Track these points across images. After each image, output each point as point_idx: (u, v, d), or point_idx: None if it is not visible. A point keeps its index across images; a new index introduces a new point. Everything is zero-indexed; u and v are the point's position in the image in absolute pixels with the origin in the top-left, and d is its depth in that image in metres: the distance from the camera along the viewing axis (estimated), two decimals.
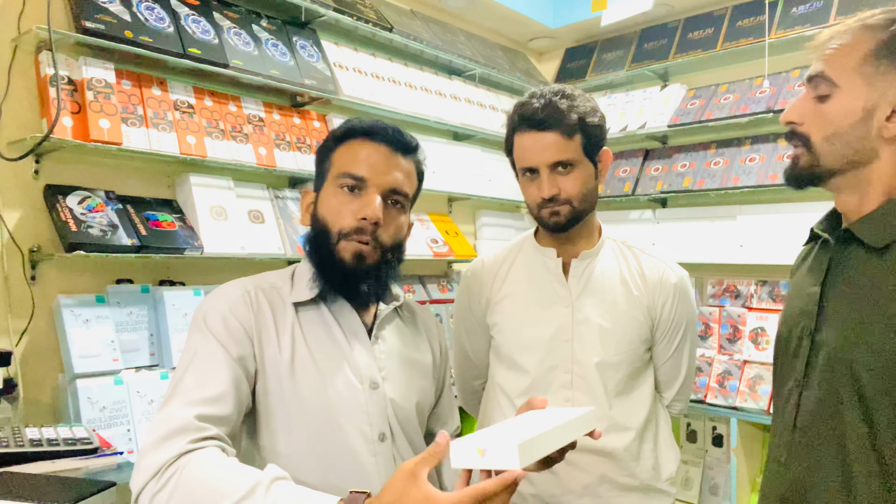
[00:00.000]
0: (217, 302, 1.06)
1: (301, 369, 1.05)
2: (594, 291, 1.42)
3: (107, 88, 1.83)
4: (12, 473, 1.12)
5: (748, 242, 2.68)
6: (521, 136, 1.36)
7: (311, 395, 1.04)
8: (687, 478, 2.94)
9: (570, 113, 1.32)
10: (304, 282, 1.11)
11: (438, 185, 2.72)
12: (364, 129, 1.12)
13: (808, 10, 2.61)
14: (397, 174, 1.11)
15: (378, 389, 1.10)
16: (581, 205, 1.37)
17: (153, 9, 1.95)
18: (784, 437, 1.03)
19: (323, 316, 1.11)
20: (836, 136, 0.98)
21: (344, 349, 1.09)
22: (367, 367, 1.10)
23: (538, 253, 1.47)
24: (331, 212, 1.09)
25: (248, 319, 1.05)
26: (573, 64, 3.44)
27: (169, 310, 1.91)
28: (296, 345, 1.06)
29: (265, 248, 2.10)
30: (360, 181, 1.08)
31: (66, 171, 1.88)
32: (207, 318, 1.04)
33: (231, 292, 1.08)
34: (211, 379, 0.97)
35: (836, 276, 1.02)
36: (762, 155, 2.69)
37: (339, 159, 1.11)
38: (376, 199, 1.07)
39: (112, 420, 1.73)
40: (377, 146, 1.11)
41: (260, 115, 2.21)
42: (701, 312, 2.87)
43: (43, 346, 1.80)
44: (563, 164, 1.34)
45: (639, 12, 2.78)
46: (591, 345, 1.39)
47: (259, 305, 1.07)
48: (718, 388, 2.66)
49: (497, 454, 0.79)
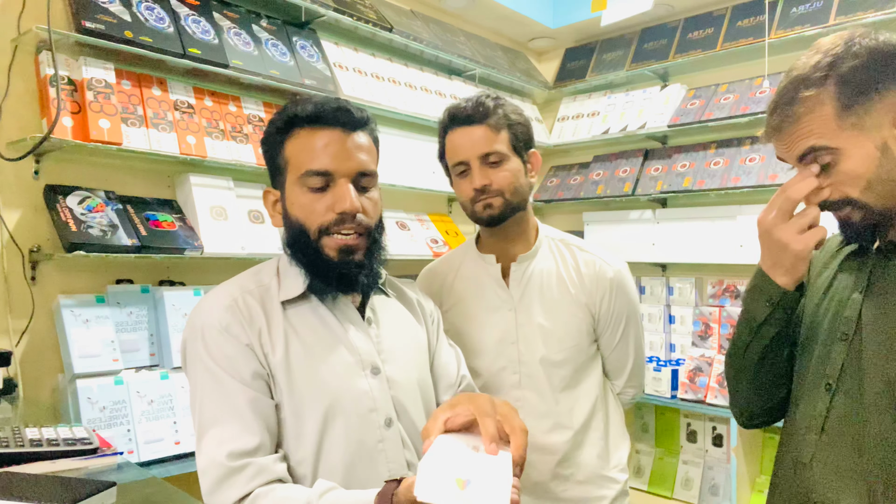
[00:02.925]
0: (208, 318, 1.02)
1: (297, 367, 1.02)
2: (534, 293, 1.47)
3: (107, 88, 1.83)
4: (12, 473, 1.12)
5: (748, 242, 2.68)
6: (451, 134, 1.43)
7: (312, 390, 1.01)
8: (687, 478, 2.94)
9: (497, 109, 1.41)
10: (291, 279, 1.07)
11: (438, 185, 2.72)
12: (308, 115, 1.04)
13: (808, 10, 2.62)
14: (360, 156, 1.05)
15: (380, 374, 1.07)
16: (513, 197, 1.42)
17: (153, 9, 1.95)
18: (809, 437, 1.02)
19: (315, 309, 1.07)
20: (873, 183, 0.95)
21: (341, 338, 1.06)
22: (367, 352, 1.07)
23: (479, 259, 1.52)
24: (304, 211, 1.04)
25: (243, 329, 1.01)
26: (573, 64, 3.44)
27: (169, 310, 1.91)
28: (289, 344, 1.03)
29: (265, 248, 2.10)
30: (325, 175, 1.03)
31: (66, 171, 1.88)
32: (207, 345, 1.00)
33: (218, 303, 1.03)
34: (234, 413, 0.96)
35: (877, 285, 1.01)
36: (762, 155, 2.69)
37: (293, 155, 1.05)
38: (349, 189, 1.03)
39: (112, 420, 1.73)
40: (330, 132, 1.04)
41: (260, 115, 2.21)
42: (701, 312, 2.87)
43: (43, 346, 1.80)
44: (491, 157, 1.40)
45: (639, 12, 2.78)
46: (535, 345, 1.45)
47: (249, 311, 1.03)
48: (718, 388, 2.66)
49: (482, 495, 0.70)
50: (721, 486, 2.84)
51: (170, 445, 1.80)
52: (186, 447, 1.82)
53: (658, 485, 3.01)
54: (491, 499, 0.70)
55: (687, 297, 2.96)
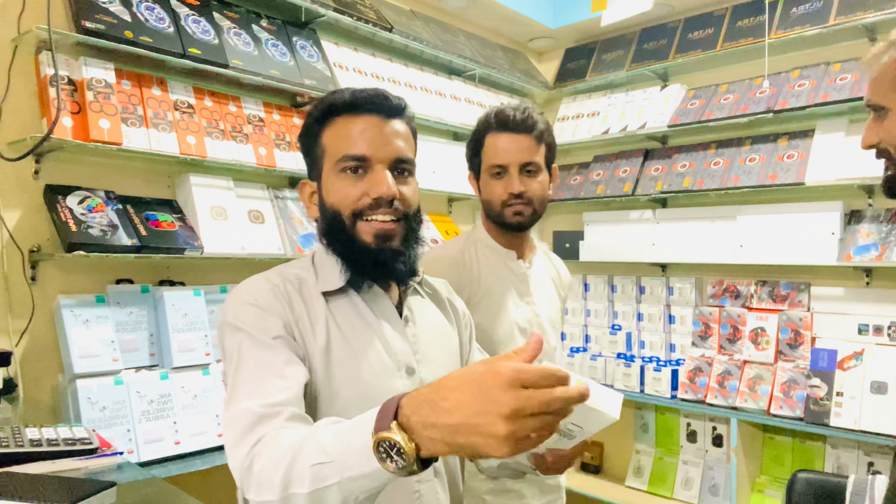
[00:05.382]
0: (245, 297, 0.99)
1: (337, 360, 1.00)
2: (540, 289, 1.62)
3: (107, 88, 1.83)
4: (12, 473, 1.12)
5: (748, 242, 2.68)
6: (495, 136, 1.51)
7: (348, 385, 0.99)
8: (687, 478, 2.94)
9: (540, 123, 1.52)
10: (329, 270, 1.05)
11: (438, 185, 2.72)
12: (347, 102, 1.04)
13: (808, 10, 2.61)
14: (397, 142, 1.04)
15: (414, 375, 1.05)
16: (540, 208, 1.54)
17: (153, 9, 1.95)
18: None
19: (354, 303, 1.05)
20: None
21: (379, 336, 1.04)
22: (403, 352, 1.05)
23: (499, 255, 1.58)
24: (339, 197, 1.02)
25: (284, 312, 0.98)
26: (573, 64, 3.44)
27: (169, 310, 1.91)
28: (330, 334, 1.01)
29: (265, 248, 2.10)
30: (362, 161, 1.01)
31: (66, 171, 1.88)
32: (240, 315, 0.97)
33: (257, 287, 1.01)
34: (265, 373, 0.92)
35: None
36: (762, 155, 2.69)
37: (331, 142, 1.04)
38: (385, 174, 1.01)
39: (112, 420, 1.73)
40: (367, 118, 1.03)
41: (260, 115, 2.21)
42: (701, 312, 2.87)
43: (43, 346, 1.80)
44: (530, 167, 1.50)
45: (639, 12, 2.78)
46: (548, 335, 1.59)
47: (289, 296, 1.01)
48: (718, 388, 2.66)
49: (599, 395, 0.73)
50: (721, 486, 2.84)
51: (170, 445, 1.80)
52: (186, 447, 1.82)
53: (658, 485, 3.01)
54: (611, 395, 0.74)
55: (687, 297, 2.96)
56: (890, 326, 2.41)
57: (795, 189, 2.56)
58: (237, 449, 0.86)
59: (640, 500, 2.96)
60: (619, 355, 3.05)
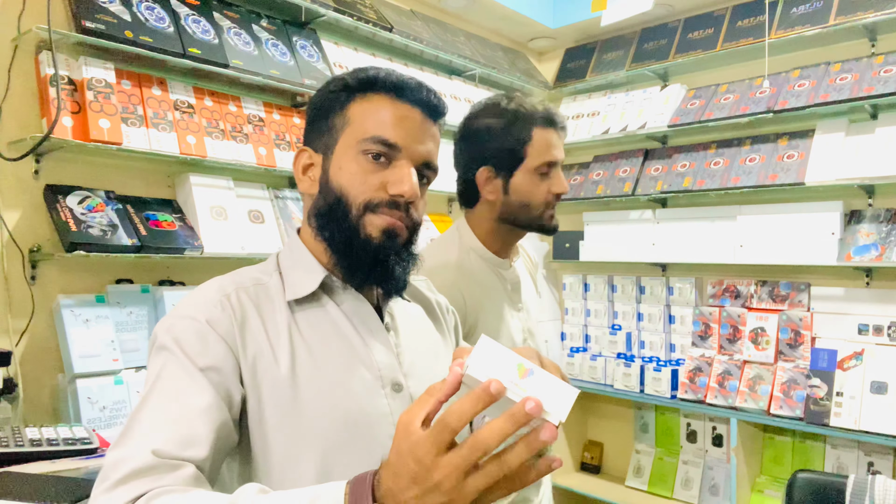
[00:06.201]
0: (187, 312, 0.84)
1: (307, 385, 0.84)
2: (525, 292, 1.53)
3: (107, 88, 1.83)
4: (12, 473, 1.12)
5: (748, 242, 2.68)
6: (548, 132, 1.38)
7: (323, 412, 0.83)
8: (687, 478, 2.94)
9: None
10: (299, 272, 0.91)
11: (438, 185, 2.71)
12: (394, 83, 0.91)
13: (808, 10, 2.61)
14: (431, 144, 0.93)
15: (403, 391, 0.90)
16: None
17: (153, 9, 1.95)
18: None
19: (328, 312, 0.90)
20: None
21: (358, 349, 0.89)
22: (388, 366, 0.90)
23: (492, 264, 1.44)
24: (353, 180, 0.88)
25: (230, 331, 0.82)
26: (573, 64, 3.44)
27: (169, 310, 1.90)
28: (296, 356, 0.85)
29: (265, 248, 2.10)
30: (392, 149, 0.89)
31: (66, 171, 1.88)
32: (175, 331, 0.81)
33: (204, 298, 0.86)
34: (180, 414, 0.74)
35: None
36: (762, 155, 2.69)
37: (359, 116, 0.90)
38: (411, 172, 0.89)
39: (112, 420, 1.73)
40: (410, 108, 0.91)
41: (260, 115, 2.21)
42: (701, 312, 2.87)
43: (43, 346, 1.80)
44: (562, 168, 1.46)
45: (639, 12, 2.78)
46: (539, 339, 1.54)
47: (243, 310, 0.85)
48: (718, 388, 2.66)
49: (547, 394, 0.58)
50: (721, 486, 2.84)
51: None
52: None
53: (658, 485, 3.01)
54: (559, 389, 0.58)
55: (687, 297, 2.96)
56: (890, 326, 2.41)
57: (795, 189, 2.56)
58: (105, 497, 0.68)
59: (640, 500, 2.96)
60: (619, 355, 3.06)
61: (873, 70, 2.43)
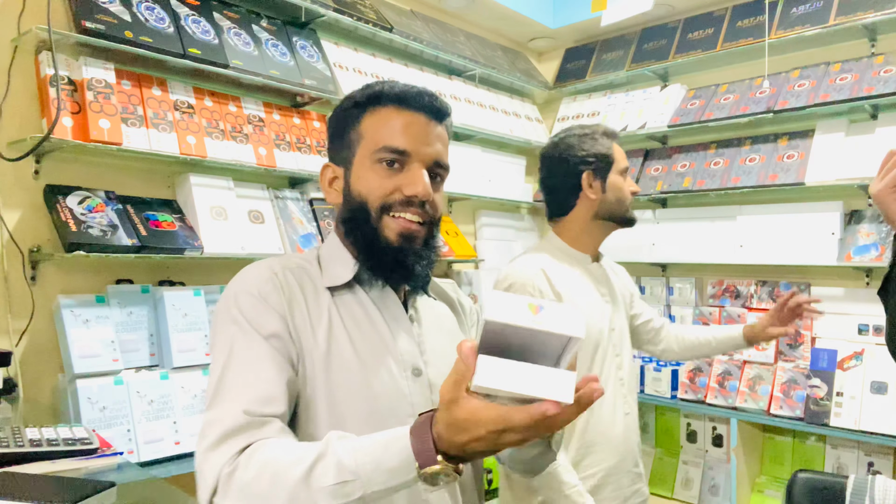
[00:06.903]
0: (245, 285, 0.96)
1: (339, 360, 0.96)
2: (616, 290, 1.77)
3: (107, 88, 1.83)
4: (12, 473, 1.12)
5: (748, 242, 2.68)
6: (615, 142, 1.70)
7: (350, 387, 0.95)
8: (687, 478, 2.94)
9: None
10: (336, 264, 1.02)
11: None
12: (396, 94, 1.01)
13: (808, 10, 2.61)
14: (438, 145, 1.02)
15: (422, 376, 1.01)
16: None
17: (153, 9, 1.95)
18: None
19: (360, 300, 1.02)
20: None
21: (385, 335, 1.00)
22: (410, 353, 1.01)
23: (576, 259, 1.70)
24: (369, 187, 0.99)
25: (280, 303, 0.95)
26: (573, 64, 3.44)
27: (169, 310, 1.91)
28: (333, 332, 0.97)
29: (265, 248, 2.10)
30: (401, 155, 0.98)
31: (66, 171, 1.88)
32: (239, 304, 0.94)
33: (258, 274, 0.98)
34: (258, 377, 0.88)
35: None
36: (762, 155, 2.69)
37: (371, 129, 1.01)
38: (423, 174, 0.98)
39: (112, 420, 1.73)
40: (414, 115, 1.00)
41: (260, 116, 2.21)
42: (701, 312, 2.87)
43: (43, 346, 1.80)
44: None
45: (639, 12, 2.78)
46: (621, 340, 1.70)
47: (290, 287, 0.97)
48: (718, 389, 2.66)
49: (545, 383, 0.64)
50: (721, 486, 2.84)
51: (170, 446, 1.80)
52: (186, 447, 1.82)
53: (658, 485, 3.01)
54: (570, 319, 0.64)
55: (687, 297, 2.96)
56: None
57: (795, 189, 2.56)
58: (215, 451, 0.82)
59: None
60: None
61: (873, 70, 2.43)
